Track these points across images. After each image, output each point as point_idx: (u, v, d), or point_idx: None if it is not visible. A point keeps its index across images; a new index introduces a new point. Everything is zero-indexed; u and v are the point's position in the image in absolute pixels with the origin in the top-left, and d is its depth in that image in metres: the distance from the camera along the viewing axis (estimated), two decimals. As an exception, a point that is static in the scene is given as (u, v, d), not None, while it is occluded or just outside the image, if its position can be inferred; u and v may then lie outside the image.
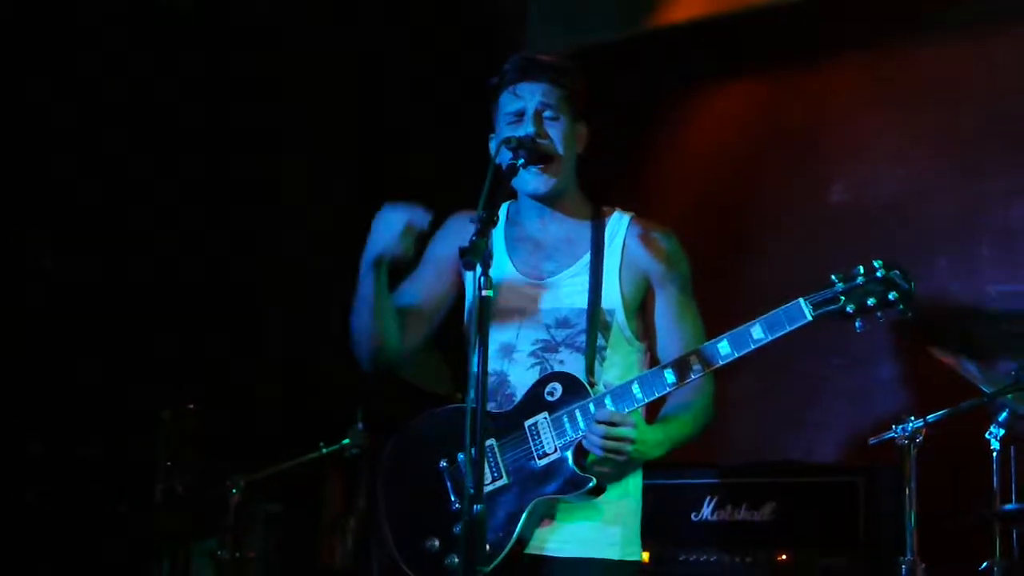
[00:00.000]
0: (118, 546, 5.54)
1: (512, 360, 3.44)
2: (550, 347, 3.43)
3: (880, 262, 3.10)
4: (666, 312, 3.49)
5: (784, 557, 4.75)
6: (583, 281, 3.46)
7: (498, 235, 3.56)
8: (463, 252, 2.99)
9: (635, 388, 3.26)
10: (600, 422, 3.22)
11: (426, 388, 6.18)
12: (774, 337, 3.16)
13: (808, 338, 3.26)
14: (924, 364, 4.66)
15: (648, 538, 3.51)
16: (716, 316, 3.55)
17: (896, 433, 3.98)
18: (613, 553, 3.39)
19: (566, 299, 3.46)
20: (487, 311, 2.95)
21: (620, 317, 3.46)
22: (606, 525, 3.39)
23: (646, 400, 3.26)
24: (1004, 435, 4.17)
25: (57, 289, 5.65)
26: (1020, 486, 4.52)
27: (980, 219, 5.57)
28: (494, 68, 3.57)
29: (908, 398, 5.46)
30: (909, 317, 3.10)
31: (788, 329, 3.15)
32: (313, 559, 6.27)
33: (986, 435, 4.16)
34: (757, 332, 3.17)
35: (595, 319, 3.42)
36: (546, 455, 3.30)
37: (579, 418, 3.28)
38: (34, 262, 5.62)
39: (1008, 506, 4.18)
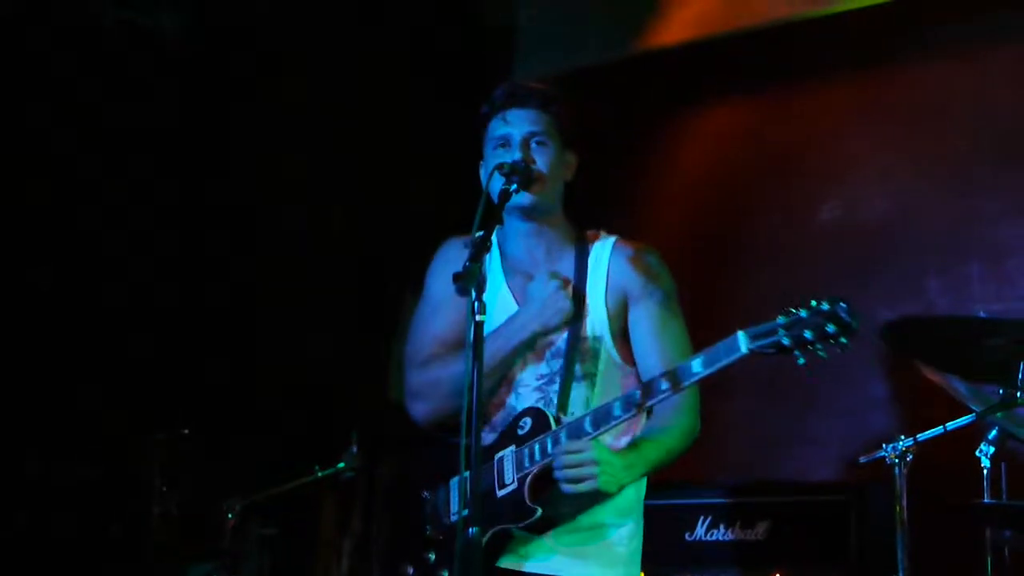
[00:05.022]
0: (114, 569, 5.55)
1: (519, 395, 3.46)
2: (550, 379, 3.45)
3: (832, 298, 2.92)
4: (643, 326, 3.44)
5: (777, 576, 4.79)
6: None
7: (495, 264, 3.57)
8: (457, 277, 3.01)
9: (587, 423, 3.23)
10: (557, 454, 3.21)
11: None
12: (712, 371, 3.06)
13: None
14: (914, 383, 4.67)
15: (642, 559, 3.52)
16: (704, 336, 3.55)
17: (886, 452, 4.00)
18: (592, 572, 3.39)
19: (558, 330, 3.45)
20: (481, 336, 2.98)
21: (609, 343, 3.46)
22: (583, 555, 3.39)
23: (595, 433, 3.21)
24: (994, 453, 4.17)
25: (55, 311, 5.65)
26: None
27: (969, 238, 5.59)
28: (483, 93, 3.59)
29: (899, 416, 5.48)
30: (849, 351, 2.94)
31: (725, 362, 3.03)
32: (309, 581, 6.29)
33: (976, 453, 4.18)
34: (696, 366, 3.09)
35: (575, 348, 3.42)
36: (505, 486, 3.32)
37: (537, 452, 3.28)
38: (32, 283, 5.63)
39: (987, 500, 4.17)
